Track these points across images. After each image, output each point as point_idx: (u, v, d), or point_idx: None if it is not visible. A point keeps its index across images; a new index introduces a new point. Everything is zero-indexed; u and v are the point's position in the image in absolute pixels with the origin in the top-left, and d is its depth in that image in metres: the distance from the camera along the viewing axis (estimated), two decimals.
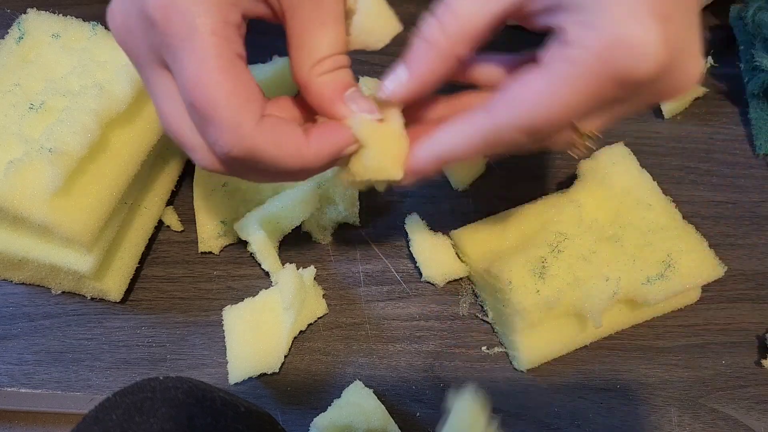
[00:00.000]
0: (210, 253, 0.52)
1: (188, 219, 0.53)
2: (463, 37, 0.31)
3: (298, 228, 0.51)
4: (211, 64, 0.28)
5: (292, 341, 0.48)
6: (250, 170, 0.32)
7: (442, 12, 0.31)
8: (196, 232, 0.52)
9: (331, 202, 0.52)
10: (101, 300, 0.49)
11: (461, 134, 0.32)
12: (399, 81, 0.32)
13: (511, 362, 0.48)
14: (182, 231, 0.53)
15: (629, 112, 0.31)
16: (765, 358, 0.48)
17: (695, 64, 0.29)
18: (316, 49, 0.32)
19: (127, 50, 0.31)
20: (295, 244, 0.52)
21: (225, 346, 0.47)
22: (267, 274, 0.50)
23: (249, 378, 0.46)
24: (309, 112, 0.34)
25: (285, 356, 0.47)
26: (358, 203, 0.52)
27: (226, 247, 0.52)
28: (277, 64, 0.54)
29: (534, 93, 0.29)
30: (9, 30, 0.46)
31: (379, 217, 0.53)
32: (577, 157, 0.33)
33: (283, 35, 0.34)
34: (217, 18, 0.28)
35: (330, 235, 0.52)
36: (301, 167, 0.31)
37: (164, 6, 0.28)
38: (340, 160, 0.33)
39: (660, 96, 0.30)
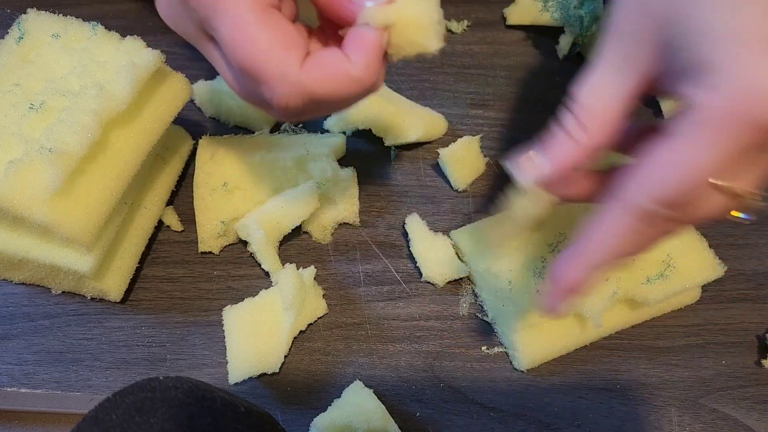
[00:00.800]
0: (210, 253, 0.52)
1: (188, 219, 0.53)
2: (601, 131, 0.31)
3: (298, 228, 0.51)
4: (244, 21, 0.28)
5: (292, 341, 0.48)
6: (319, 109, 0.32)
7: (578, 110, 0.32)
8: (196, 232, 0.52)
9: (331, 201, 0.52)
10: (101, 300, 0.49)
11: (604, 235, 0.31)
12: (539, 169, 0.33)
13: (511, 362, 0.48)
14: (182, 231, 0.53)
15: None
16: (765, 358, 0.48)
17: None
18: None
19: (180, 32, 0.32)
20: (295, 244, 0.52)
21: (225, 346, 0.47)
22: (267, 274, 0.50)
23: (249, 378, 0.46)
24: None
25: (285, 356, 0.47)
26: (357, 203, 0.52)
27: (226, 247, 0.52)
28: None
29: (662, 159, 0.28)
30: (9, 30, 0.46)
31: (379, 217, 0.53)
32: (744, 217, 0.31)
33: None
34: None
35: (330, 235, 0.52)
36: (362, 89, 0.30)
37: None
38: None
39: None
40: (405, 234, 0.51)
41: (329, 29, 0.35)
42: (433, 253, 0.50)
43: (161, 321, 0.49)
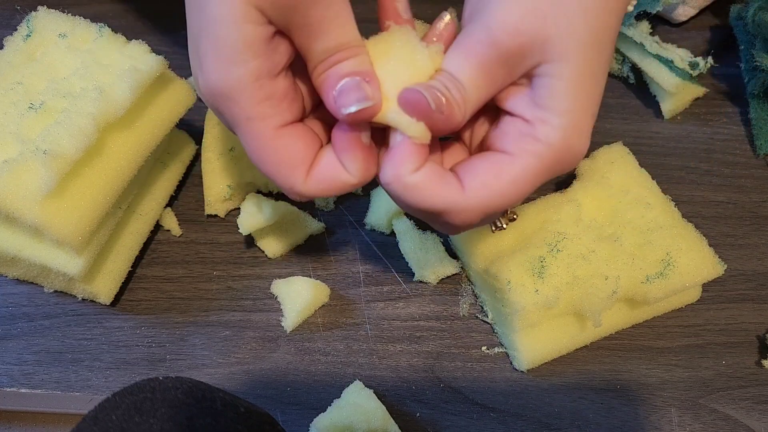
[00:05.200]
0: (210, 252, 0.52)
1: (188, 219, 0.53)
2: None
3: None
4: (260, 140, 0.32)
5: (292, 341, 0.48)
6: None
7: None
8: (195, 233, 0.52)
9: None
10: None
11: (432, 191, 0.32)
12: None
13: (511, 362, 0.48)
14: (181, 234, 0.53)
15: None
16: (765, 358, 0.48)
17: (585, 144, 0.33)
18: (319, 52, 0.32)
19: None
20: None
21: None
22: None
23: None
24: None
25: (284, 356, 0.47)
26: None
27: (226, 246, 0.52)
28: None
29: (507, 183, 0.32)
30: (18, 27, 0.46)
31: None
32: (494, 230, 0.40)
33: None
34: (255, 102, 0.31)
35: (332, 203, 0.53)
36: (360, 185, 0.34)
37: (218, 102, 0.32)
38: None
39: None
40: None
41: None
42: (423, 252, 0.50)
43: (161, 321, 0.49)
